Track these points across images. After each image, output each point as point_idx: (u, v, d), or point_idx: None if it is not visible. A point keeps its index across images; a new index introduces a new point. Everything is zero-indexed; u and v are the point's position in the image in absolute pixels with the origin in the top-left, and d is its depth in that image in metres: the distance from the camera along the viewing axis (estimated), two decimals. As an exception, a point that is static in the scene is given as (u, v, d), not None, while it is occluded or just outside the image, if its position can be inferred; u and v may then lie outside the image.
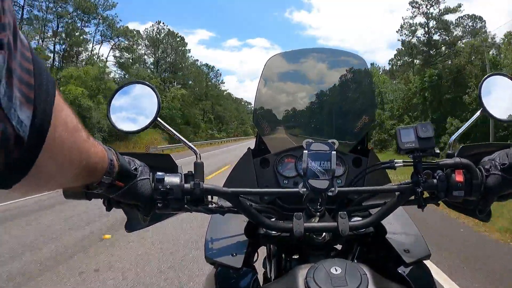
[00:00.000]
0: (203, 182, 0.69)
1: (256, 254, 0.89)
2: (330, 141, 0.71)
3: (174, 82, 40.85)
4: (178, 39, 41.13)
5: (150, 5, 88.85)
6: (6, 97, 0.26)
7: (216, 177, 8.92)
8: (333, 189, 0.69)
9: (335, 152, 0.70)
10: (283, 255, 0.93)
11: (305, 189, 0.69)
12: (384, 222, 0.78)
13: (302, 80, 1.12)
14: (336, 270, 0.55)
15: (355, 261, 0.89)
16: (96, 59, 30.10)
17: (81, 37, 28.76)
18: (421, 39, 28.86)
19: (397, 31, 30.50)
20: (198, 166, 0.72)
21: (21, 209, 5.43)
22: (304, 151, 0.70)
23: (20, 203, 5.75)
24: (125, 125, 0.79)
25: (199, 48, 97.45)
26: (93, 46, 30.73)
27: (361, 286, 0.53)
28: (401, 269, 0.71)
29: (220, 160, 14.06)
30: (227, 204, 0.73)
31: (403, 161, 0.71)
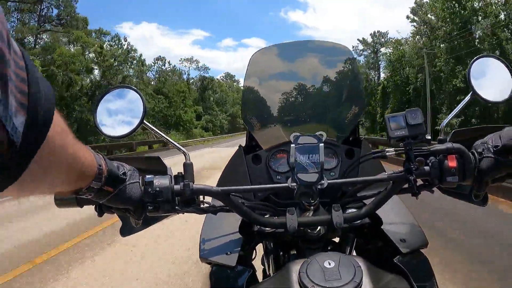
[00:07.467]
0: (193, 182, 0.69)
1: (254, 252, 0.88)
2: (317, 133, 0.70)
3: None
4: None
5: (144, 5, 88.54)
6: (2, 105, 0.26)
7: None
8: (322, 182, 0.68)
9: (323, 144, 0.69)
10: (280, 252, 0.92)
11: (294, 184, 0.68)
12: (380, 212, 0.78)
13: (289, 73, 1.10)
14: (329, 264, 0.55)
15: (354, 252, 0.88)
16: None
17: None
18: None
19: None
20: (188, 167, 0.72)
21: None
22: (292, 145, 0.69)
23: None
24: (111, 130, 0.79)
25: (194, 48, 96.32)
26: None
27: (355, 278, 0.52)
28: (397, 259, 0.70)
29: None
30: (219, 203, 0.72)
31: (395, 149, 0.70)
